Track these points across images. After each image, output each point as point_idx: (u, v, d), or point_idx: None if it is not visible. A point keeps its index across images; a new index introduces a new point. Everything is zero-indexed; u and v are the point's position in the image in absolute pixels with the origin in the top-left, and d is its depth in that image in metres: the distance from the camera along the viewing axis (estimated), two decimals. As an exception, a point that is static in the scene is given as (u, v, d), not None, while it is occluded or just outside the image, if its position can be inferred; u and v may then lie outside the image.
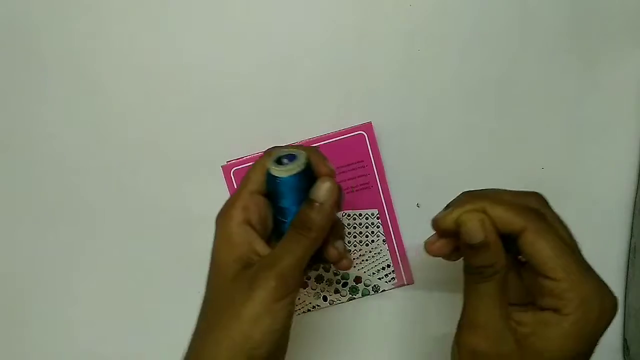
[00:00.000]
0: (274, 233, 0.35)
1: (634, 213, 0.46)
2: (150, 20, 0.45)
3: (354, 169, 0.45)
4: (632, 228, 0.46)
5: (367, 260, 0.47)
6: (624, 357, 0.47)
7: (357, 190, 0.46)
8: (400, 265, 0.47)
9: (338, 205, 0.33)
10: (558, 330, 0.29)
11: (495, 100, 0.46)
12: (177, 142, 0.46)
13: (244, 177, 0.35)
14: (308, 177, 0.33)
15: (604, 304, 0.29)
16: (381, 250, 0.47)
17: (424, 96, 0.45)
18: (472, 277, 0.31)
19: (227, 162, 0.45)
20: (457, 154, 0.46)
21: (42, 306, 0.48)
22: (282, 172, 0.32)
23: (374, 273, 0.47)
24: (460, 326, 0.32)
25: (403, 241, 0.47)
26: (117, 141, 0.46)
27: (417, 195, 0.46)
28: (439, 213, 0.33)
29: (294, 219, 0.33)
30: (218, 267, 0.33)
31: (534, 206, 0.32)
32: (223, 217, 0.34)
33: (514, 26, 0.45)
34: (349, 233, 0.46)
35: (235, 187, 0.44)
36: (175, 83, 0.46)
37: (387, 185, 0.46)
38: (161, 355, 0.48)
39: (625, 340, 0.46)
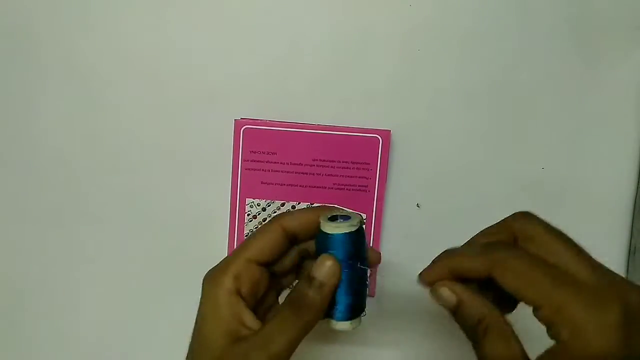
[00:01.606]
0: None
1: (634, 213, 0.46)
2: (151, 19, 0.45)
3: (356, 169, 0.45)
4: (632, 228, 0.46)
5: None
6: (624, 357, 0.47)
7: (352, 190, 0.45)
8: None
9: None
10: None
11: (495, 100, 0.46)
12: (179, 140, 0.46)
13: (244, 242, 0.33)
14: (362, 238, 0.32)
15: (603, 317, 0.26)
16: None
17: (423, 96, 0.45)
18: (472, 338, 0.30)
19: (241, 118, 0.44)
20: (456, 154, 0.46)
21: (43, 306, 0.48)
22: (337, 229, 0.31)
23: None
24: None
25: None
26: (119, 140, 0.46)
27: (417, 195, 0.46)
28: (423, 272, 0.32)
29: (290, 293, 0.31)
30: (204, 339, 0.31)
31: (513, 230, 0.31)
32: (212, 283, 0.32)
33: (514, 26, 0.45)
34: None
35: (242, 146, 0.43)
36: (176, 83, 0.46)
37: (383, 194, 0.45)
38: (164, 356, 0.49)
39: (625, 340, 0.46)
